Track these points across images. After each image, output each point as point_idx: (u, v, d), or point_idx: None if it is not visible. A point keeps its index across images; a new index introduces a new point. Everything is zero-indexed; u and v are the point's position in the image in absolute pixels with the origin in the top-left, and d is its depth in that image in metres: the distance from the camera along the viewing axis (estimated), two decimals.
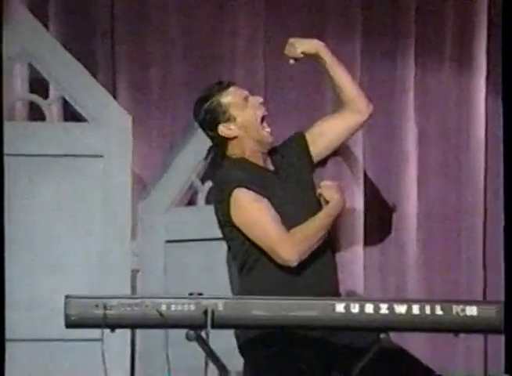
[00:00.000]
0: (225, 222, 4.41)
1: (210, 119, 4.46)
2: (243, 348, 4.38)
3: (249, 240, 4.39)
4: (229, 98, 4.45)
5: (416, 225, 5.28)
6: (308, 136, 4.58)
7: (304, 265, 4.36)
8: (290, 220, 4.38)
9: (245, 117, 4.46)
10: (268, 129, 4.47)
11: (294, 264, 4.30)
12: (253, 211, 4.39)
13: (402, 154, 5.29)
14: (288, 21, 5.24)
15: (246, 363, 4.39)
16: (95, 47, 5.20)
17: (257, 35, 5.27)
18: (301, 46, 4.55)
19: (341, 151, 5.07)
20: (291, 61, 4.60)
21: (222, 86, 4.48)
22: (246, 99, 4.47)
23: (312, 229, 4.34)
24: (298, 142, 4.60)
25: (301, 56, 4.54)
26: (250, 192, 4.38)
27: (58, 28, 5.13)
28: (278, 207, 4.39)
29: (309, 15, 5.25)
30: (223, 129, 4.45)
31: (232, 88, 4.47)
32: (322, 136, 4.59)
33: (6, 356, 4.79)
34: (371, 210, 5.24)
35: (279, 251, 4.31)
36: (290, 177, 4.51)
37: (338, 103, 4.68)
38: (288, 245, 4.31)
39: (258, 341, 4.30)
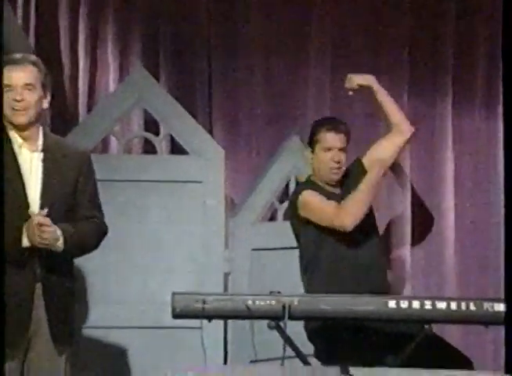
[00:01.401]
0: (294, 217, 4.46)
1: (309, 142, 4.52)
2: (311, 336, 4.40)
3: (314, 240, 4.42)
4: (326, 137, 4.46)
5: (453, 237, 5.26)
6: (365, 161, 4.59)
7: (357, 269, 4.38)
8: (353, 247, 4.40)
9: (320, 159, 4.48)
10: (337, 173, 4.46)
11: (350, 228, 4.29)
12: (314, 199, 4.41)
13: (442, 176, 5.27)
14: (352, 70, 5.17)
15: (315, 348, 4.41)
16: (196, 95, 5.22)
17: (324, 83, 5.26)
18: (357, 79, 4.64)
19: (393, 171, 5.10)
20: (350, 92, 4.66)
21: (330, 126, 4.48)
22: (330, 149, 4.45)
23: (359, 195, 4.34)
24: (357, 167, 4.60)
25: (357, 87, 4.61)
26: (314, 191, 4.42)
27: (166, 80, 5.17)
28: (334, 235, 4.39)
29: (367, 64, 5.23)
30: (308, 155, 4.50)
31: (333, 133, 4.46)
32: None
33: (123, 341, 4.88)
34: (417, 220, 5.24)
35: (335, 220, 4.32)
36: None
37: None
38: (341, 213, 4.32)
39: (323, 329, 4.32)
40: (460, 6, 5.24)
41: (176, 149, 5.01)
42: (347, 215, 4.31)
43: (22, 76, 3.75)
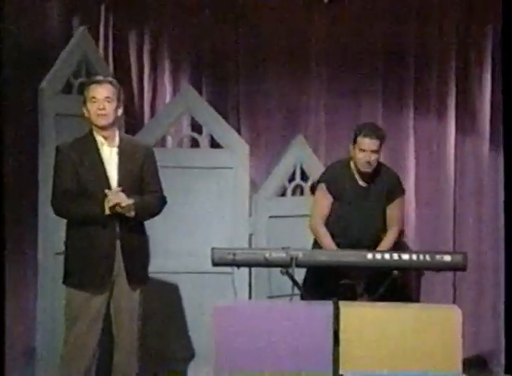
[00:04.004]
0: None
1: (353, 139, 4.37)
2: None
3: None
4: (361, 139, 4.33)
5: (414, 205, 5.19)
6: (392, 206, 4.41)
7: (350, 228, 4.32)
8: (353, 221, 4.34)
9: (355, 153, 4.36)
10: (369, 167, 4.29)
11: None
12: (317, 196, 4.39)
13: (405, 162, 5.20)
14: (340, 86, 5.19)
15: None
16: (228, 105, 5.18)
17: (320, 96, 5.21)
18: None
19: None
20: None
21: (364, 132, 4.35)
22: (364, 150, 4.33)
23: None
24: (394, 184, 4.42)
25: None
26: (324, 187, 4.34)
27: (207, 95, 5.13)
28: (348, 207, 4.31)
29: (350, 83, 5.18)
30: (350, 147, 4.38)
31: (367, 139, 4.32)
32: None
33: (177, 282, 4.86)
34: None
35: (311, 227, 4.40)
36: (371, 197, 4.38)
37: None
38: (315, 231, 4.37)
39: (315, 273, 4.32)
40: (419, 43, 5.19)
41: (214, 144, 4.99)
42: (320, 237, 4.31)
43: (103, 91, 3.78)
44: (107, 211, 3.68)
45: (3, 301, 4.10)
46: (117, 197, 3.68)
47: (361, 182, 4.39)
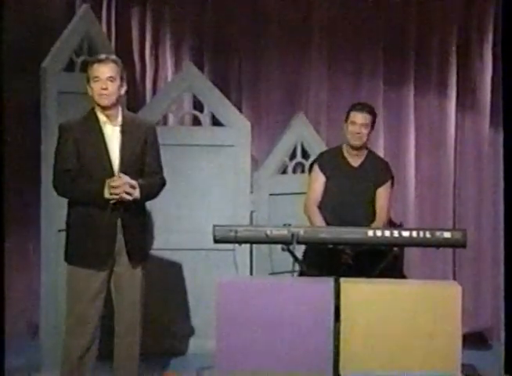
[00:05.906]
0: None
1: (346, 115, 4.41)
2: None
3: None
4: (353, 113, 4.37)
5: (414, 184, 5.19)
6: (381, 190, 4.40)
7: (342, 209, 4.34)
8: (340, 200, 4.34)
9: (347, 128, 4.39)
10: (359, 140, 4.33)
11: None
12: (312, 177, 4.40)
13: (406, 140, 5.20)
14: (341, 64, 5.17)
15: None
16: (230, 83, 5.17)
17: (322, 76, 5.19)
18: None
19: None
20: None
21: (356, 107, 4.39)
22: (354, 122, 4.36)
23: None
24: (383, 170, 4.43)
25: None
26: (317, 167, 4.37)
27: (209, 73, 5.12)
28: (336, 188, 4.34)
29: (352, 64, 5.17)
30: (343, 127, 4.41)
31: (358, 113, 4.36)
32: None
33: (178, 259, 4.86)
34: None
35: (304, 208, 4.41)
36: (362, 178, 4.40)
37: None
38: (309, 211, 4.37)
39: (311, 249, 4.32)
40: (420, 22, 5.17)
41: (215, 122, 4.96)
42: (311, 216, 4.34)
43: (106, 71, 3.72)
44: (107, 195, 3.66)
45: (4, 277, 4.08)
46: (123, 187, 3.63)
47: (352, 163, 4.40)
